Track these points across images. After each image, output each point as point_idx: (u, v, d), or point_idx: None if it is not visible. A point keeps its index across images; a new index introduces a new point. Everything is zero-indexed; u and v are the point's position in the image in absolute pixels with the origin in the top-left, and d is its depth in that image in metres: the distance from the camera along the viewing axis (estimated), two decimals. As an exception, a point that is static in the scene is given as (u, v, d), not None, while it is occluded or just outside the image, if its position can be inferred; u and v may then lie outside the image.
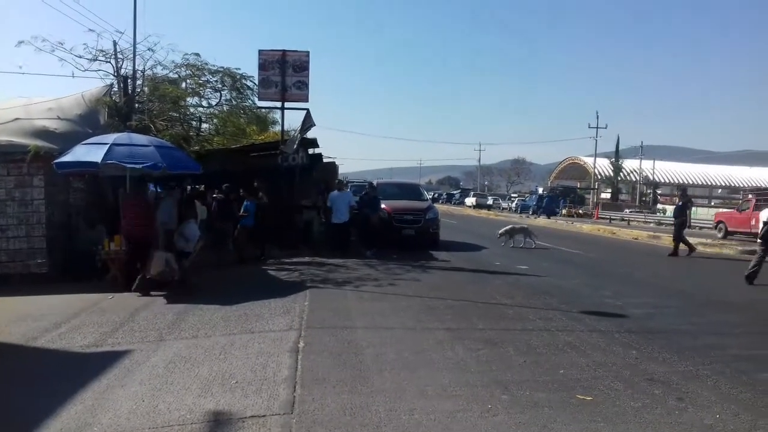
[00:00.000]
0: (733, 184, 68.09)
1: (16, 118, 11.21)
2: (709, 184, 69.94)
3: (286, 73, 16.57)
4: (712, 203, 51.56)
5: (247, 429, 4.15)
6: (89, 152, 9.16)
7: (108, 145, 9.14)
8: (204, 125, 18.02)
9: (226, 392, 4.90)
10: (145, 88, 15.60)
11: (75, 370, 5.55)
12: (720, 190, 70.81)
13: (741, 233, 23.76)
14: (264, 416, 4.39)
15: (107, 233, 10.50)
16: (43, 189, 10.50)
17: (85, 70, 14.63)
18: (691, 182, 69.39)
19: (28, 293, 9.17)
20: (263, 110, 20.46)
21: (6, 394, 4.99)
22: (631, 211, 43.45)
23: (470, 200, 68.50)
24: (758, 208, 23.20)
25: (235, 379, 5.22)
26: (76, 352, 6.18)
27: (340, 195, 15.28)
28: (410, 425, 4.25)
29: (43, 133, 10.86)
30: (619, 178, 62.17)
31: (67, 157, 9.33)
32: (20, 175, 10.47)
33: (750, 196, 26.79)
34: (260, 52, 16.72)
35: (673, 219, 18.26)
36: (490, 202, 67.46)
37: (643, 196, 59.95)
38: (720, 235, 24.64)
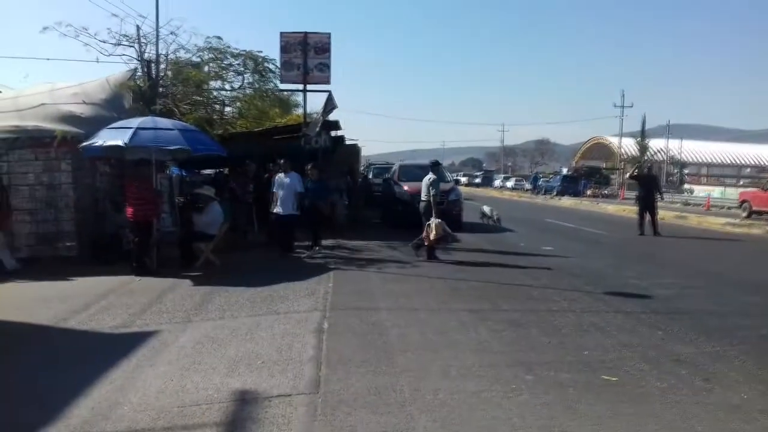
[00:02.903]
0: (763, 164, 66.65)
1: (42, 104, 11.35)
2: (739, 163, 68.56)
3: (307, 55, 16.51)
4: (741, 182, 50.56)
5: (273, 408, 4.21)
6: (115, 136, 9.26)
7: (133, 129, 9.23)
8: (227, 108, 18.11)
9: (253, 372, 4.97)
10: (169, 72, 15.69)
11: (105, 351, 5.66)
12: (748, 170, 69.40)
13: (765, 212, 23.39)
14: (290, 395, 4.45)
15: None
16: (71, 173, 10.64)
17: (109, 54, 14.76)
18: (719, 161, 68.09)
19: (57, 276, 9.33)
20: (285, 93, 20.47)
21: (38, 374, 5.10)
22: (659, 191, 42.73)
23: (463, 179, 66.85)
24: None
25: (261, 359, 5.29)
26: (105, 333, 6.29)
27: (283, 179, 11.85)
28: (435, 405, 4.27)
29: (68, 118, 10.98)
30: (645, 158, 61.22)
31: (93, 141, 9.44)
32: (48, 160, 10.62)
33: None
34: (282, 34, 16.69)
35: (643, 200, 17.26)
36: (478, 180, 73.21)
37: (670, 176, 58.99)
38: (744, 214, 24.26)
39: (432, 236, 11.04)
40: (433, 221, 11.10)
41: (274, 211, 11.87)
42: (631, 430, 3.92)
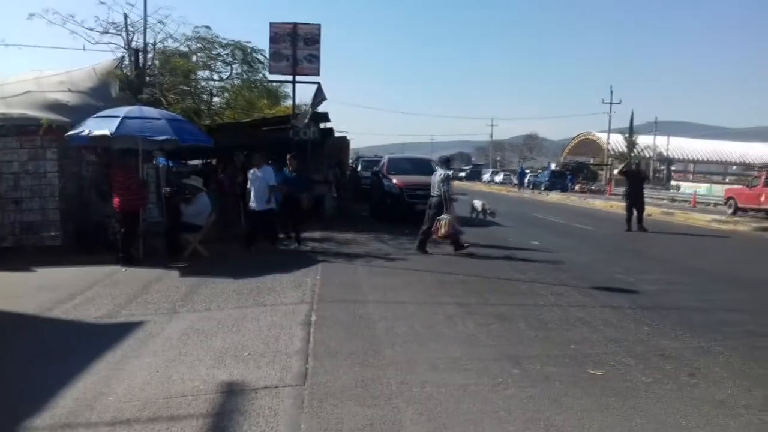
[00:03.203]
0: (747, 161, 67.27)
1: (28, 91, 11.21)
2: (725, 160, 69.19)
3: (297, 46, 16.43)
4: (727, 179, 50.95)
5: (259, 399, 4.19)
6: (101, 125, 9.16)
7: (120, 118, 9.15)
8: (215, 99, 17.95)
9: (239, 363, 4.94)
10: (156, 62, 15.51)
11: (90, 341, 5.61)
12: (734, 167, 70.00)
13: (751, 209, 23.60)
14: (276, 387, 4.43)
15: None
16: (56, 162, 10.52)
17: (96, 43, 14.57)
18: (706, 159, 68.68)
19: (43, 265, 9.25)
20: (274, 84, 20.35)
21: (22, 364, 5.06)
22: (644, 188, 42.92)
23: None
24: None
25: (247, 351, 5.27)
26: (90, 323, 6.24)
27: (257, 173, 11.31)
28: (421, 397, 4.27)
29: (55, 106, 10.87)
30: (633, 154, 61.56)
31: (79, 130, 9.33)
32: (33, 148, 10.50)
33: (763, 172, 26.46)
34: (271, 24, 16.59)
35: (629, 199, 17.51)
36: (463, 174, 76.11)
37: (657, 172, 59.38)
38: (730, 211, 24.46)
39: (441, 232, 11.11)
40: (445, 217, 11.14)
41: (250, 207, 11.43)
42: (616, 423, 3.94)
